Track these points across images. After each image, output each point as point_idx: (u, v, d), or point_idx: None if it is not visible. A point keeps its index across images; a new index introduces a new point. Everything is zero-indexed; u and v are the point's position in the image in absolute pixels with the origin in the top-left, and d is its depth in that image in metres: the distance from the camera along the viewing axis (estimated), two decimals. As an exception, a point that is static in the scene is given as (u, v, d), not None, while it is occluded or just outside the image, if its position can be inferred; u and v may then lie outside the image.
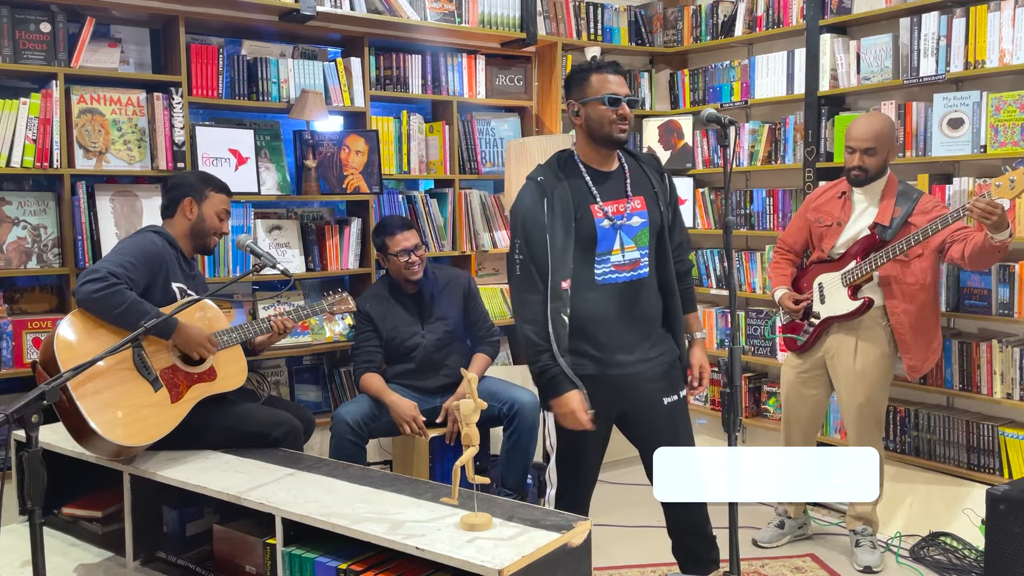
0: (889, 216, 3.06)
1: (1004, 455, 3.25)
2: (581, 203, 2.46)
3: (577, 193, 2.47)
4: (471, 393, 1.99)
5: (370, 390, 3.32)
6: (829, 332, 3.21)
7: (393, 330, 3.41)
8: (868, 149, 3.04)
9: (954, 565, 3.13)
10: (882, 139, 3.05)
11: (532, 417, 3.33)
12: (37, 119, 3.07)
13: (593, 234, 2.46)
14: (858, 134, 3.07)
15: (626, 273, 2.50)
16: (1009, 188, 2.78)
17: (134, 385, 2.52)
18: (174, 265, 2.76)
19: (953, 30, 3.37)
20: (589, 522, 2.02)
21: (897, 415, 3.58)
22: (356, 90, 3.77)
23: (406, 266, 3.36)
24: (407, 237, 3.37)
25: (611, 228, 2.48)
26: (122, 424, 2.44)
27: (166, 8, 3.34)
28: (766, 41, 4.26)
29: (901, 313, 3.08)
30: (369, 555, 2.02)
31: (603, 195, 2.49)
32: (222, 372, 2.74)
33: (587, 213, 2.46)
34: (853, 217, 3.17)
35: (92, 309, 2.51)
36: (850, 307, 3.10)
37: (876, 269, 3.04)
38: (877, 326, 3.12)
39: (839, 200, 3.22)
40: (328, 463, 2.58)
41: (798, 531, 3.47)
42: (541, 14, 4.24)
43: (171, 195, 2.86)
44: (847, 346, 3.15)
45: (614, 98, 2.42)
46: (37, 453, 1.73)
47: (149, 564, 2.56)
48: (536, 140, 3.83)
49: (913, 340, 3.10)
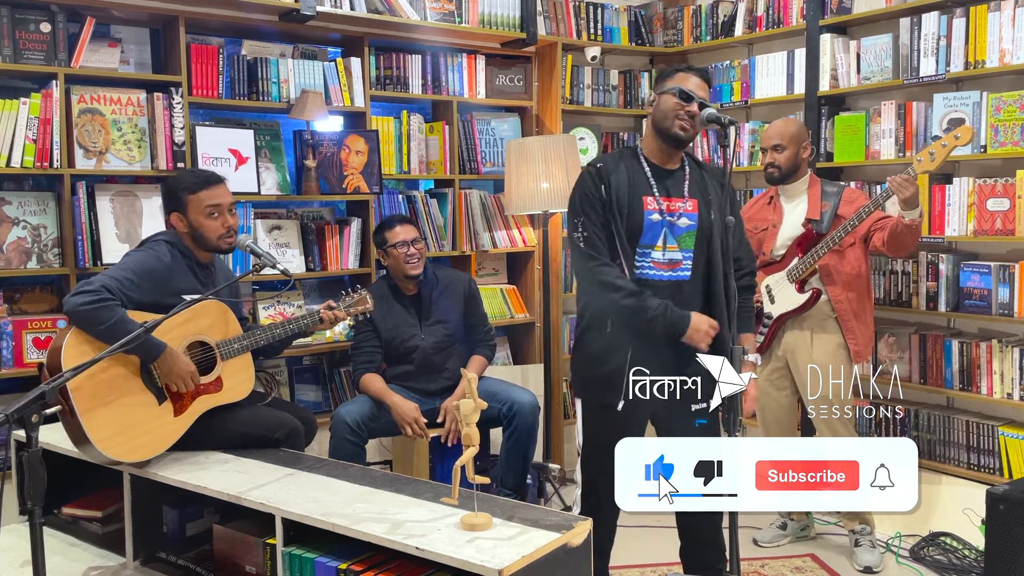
0: (818, 210, 3.20)
1: (1004, 455, 3.25)
2: (635, 192, 2.48)
3: (634, 181, 2.48)
4: (471, 393, 1.99)
5: (370, 391, 3.31)
6: (784, 330, 3.27)
7: (392, 330, 3.40)
8: (776, 146, 3.23)
9: (954, 565, 3.13)
10: (787, 136, 3.22)
11: (531, 417, 3.33)
12: (37, 119, 3.07)
13: (640, 224, 2.46)
14: (766, 134, 3.31)
15: (664, 272, 2.48)
16: (929, 160, 2.96)
17: (138, 397, 2.48)
18: (185, 277, 2.67)
19: (953, 30, 3.37)
20: (589, 522, 2.02)
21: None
22: (356, 90, 3.77)
23: (405, 258, 3.34)
24: (406, 230, 3.38)
25: (659, 223, 2.48)
26: (121, 441, 2.42)
27: (166, 8, 3.34)
28: (766, 41, 4.26)
29: (844, 301, 3.17)
30: (369, 555, 2.02)
31: (660, 189, 2.50)
32: (229, 382, 2.69)
33: (639, 202, 2.47)
34: (785, 216, 3.29)
35: (77, 322, 2.41)
36: (800, 300, 3.19)
37: (818, 261, 3.13)
38: (828, 318, 3.20)
39: (768, 205, 3.35)
40: (328, 463, 2.58)
41: (800, 532, 3.47)
42: (541, 14, 4.24)
43: (164, 207, 2.76)
44: (803, 341, 3.22)
45: (685, 93, 2.43)
46: (37, 453, 1.73)
47: (149, 564, 2.56)
48: (536, 140, 3.83)
49: (856, 326, 3.18)
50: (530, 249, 4.25)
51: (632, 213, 2.46)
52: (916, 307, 3.51)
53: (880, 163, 3.65)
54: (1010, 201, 3.21)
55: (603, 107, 4.50)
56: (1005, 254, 3.39)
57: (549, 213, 3.90)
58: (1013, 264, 3.25)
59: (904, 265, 3.53)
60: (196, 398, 2.61)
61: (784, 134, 3.22)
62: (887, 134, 3.59)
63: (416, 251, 3.37)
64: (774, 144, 3.23)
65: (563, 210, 4.08)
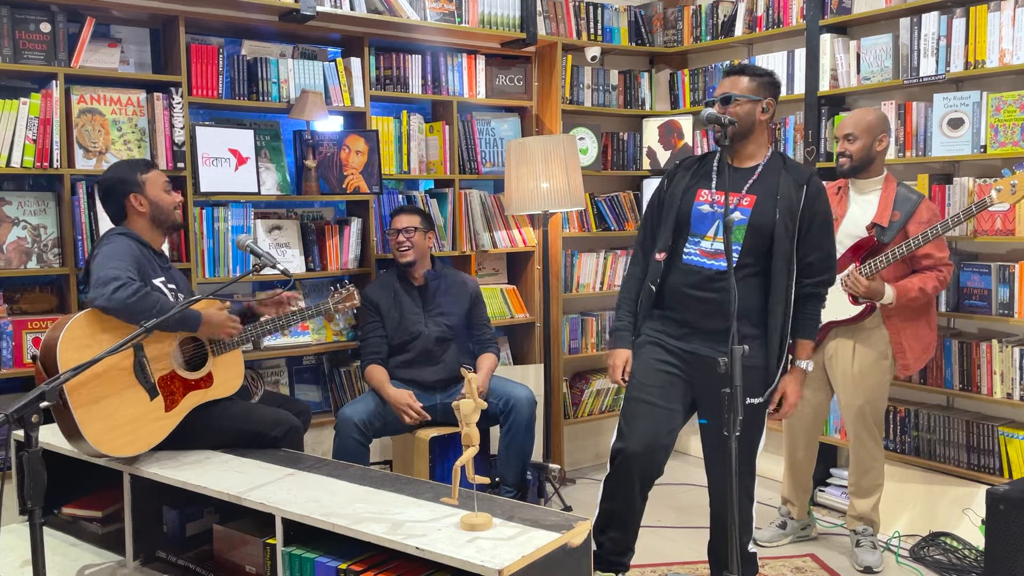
0: (887, 218, 3.07)
1: (1004, 455, 3.25)
2: (694, 186, 2.65)
3: (697, 177, 2.67)
4: (471, 393, 1.99)
5: (372, 382, 3.39)
6: (828, 336, 3.21)
7: (397, 319, 3.48)
8: (848, 135, 3.12)
9: (954, 565, 3.13)
10: (862, 127, 3.11)
11: (528, 412, 3.35)
12: (37, 119, 3.07)
13: (688, 213, 2.63)
14: (841, 124, 3.19)
15: (708, 261, 2.59)
16: (1011, 192, 2.82)
17: (131, 393, 2.51)
18: (151, 264, 2.73)
19: (953, 30, 3.37)
20: (589, 522, 2.02)
21: (897, 415, 3.58)
22: (356, 90, 3.77)
23: (396, 244, 3.49)
24: (403, 220, 3.50)
25: (711, 214, 2.60)
26: (114, 436, 2.44)
27: (166, 8, 3.34)
28: (766, 41, 4.26)
29: (895, 316, 3.09)
30: (369, 555, 2.02)
31: (720, 184, 2.60)
32: (219, 378, 2.73)
33: (692, 195, 2.63)
34: (849, 210, 3.18)
35: (127, 314, 2.47)
36: (852, 312, 3.11)
37: (876, 274, 3.04)
38: (876, 329, 3.12)
39: (836, 196, 3.24)
40: (328, 463, 2.58)
41: (801, 532, 3.46)
42: (541, 14, 4.24)
43: (111, 202, 2.76)
44: (846, 349, 3.16)
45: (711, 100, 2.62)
46: (37, 453, 1.73)
47: (149, 564, 2.56)
48: (536, 140, 3.83)
49: (907, 341, 3.11)
50: (530, 249, 4.25)
51: (684, 204, 2.65)
52: (916, 307, 3.51)
53: (880, 163, 3.65)
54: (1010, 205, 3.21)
55: (603, 107, 4.50)
56: (1005, 254, 3.39)
57: (549, 213, 3.90)
58: (1013, 264, 3.25)
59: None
60: (187, 394, 2.64)
61: (859, 123, 3.10)
62: (887, 134, 3.59)
63: (406, 239, 3.46)
64: (846, 133, 3.12)
65: (563, 210, 4.08)
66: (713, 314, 2.55)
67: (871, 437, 3.18)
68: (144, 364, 2.54)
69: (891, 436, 3.59)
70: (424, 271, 3.53)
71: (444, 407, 3.43)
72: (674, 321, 2.65)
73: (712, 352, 2.52)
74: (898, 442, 3.58)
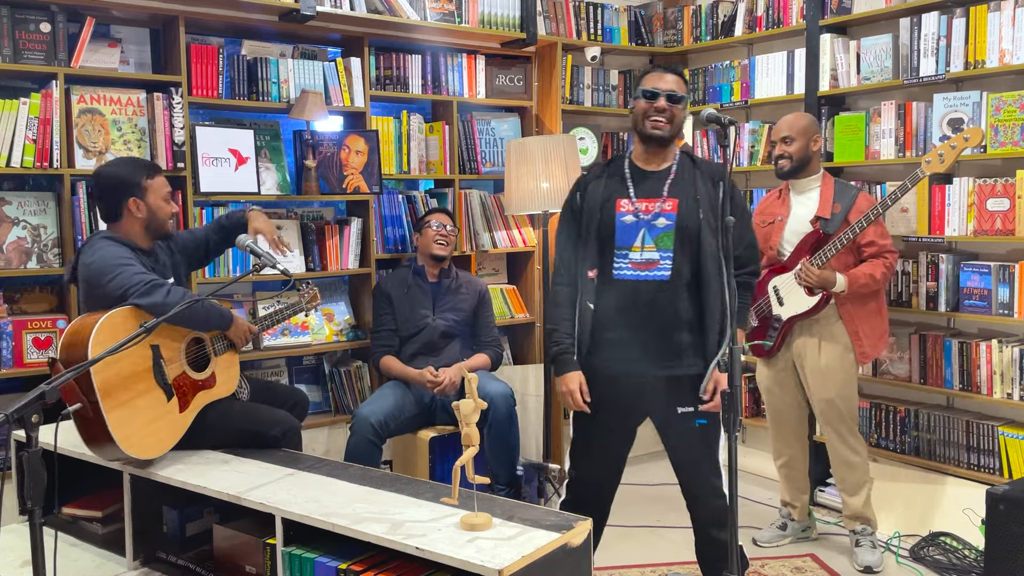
0: (829, 210, 3.17)
1: (1004, 455, 3.25)
2: (611, 196, 2.56)
3: (612, 187, 2.57)
4: (471, 393, 1.99)
5: (391, 372, 3.49)
6: (793, 334, 3.26)
7: (408, 311, 3.55)
8: (785, 138, 3.22)
9: (954, 565, 3.13)
10: (797, 129, 3.21)
11: (505, 407, 3.37)
12: (37, 119, 3.07)
13: (611, 227, 2.53)
14: (776, 127, 3.30)
15: (642, 272, 2.51)
16: (939, 161, 2.97)
17: (153, 395, 2.51)
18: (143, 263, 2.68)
19: (953, 30, 3.37)
20: (589, 522, 2.02)
21: (897, 415, 3.58)
22: (356, 90, 3.77)
23: (436, 236, 3.56)
24: (443, 218, 3.63)
25: (634, 224, 2.53)
26: (140, 438, 2.43)
27: (166, 8, 3.34)
28: (766, 41, 4.26)
29: (847, 304, 3.15)
30: (369, 555, 2.02)
31: (638, 192, 2.54)
32: (220, 378, 2.74)
33: (612, 206, 2.54)
34: (792, 210, 3.27)
35: (183, 320, 2.54)
36: (810, 303, 3.17)
37: (827, 263, 3.10)
38: (836, 321, 3.18)
39: (778, 199, 3.35)
40: (328, 463, 2.58)
41: (802, 533, 3.46)
42: (541, 14, 4.24)
43: (108, 200, 2.64)
44: (811, 346, 3.21)
45: (648, 92, 2.50)
46: (37, 453, 1.73)
47: (149, 564, 2.56)
48: (536, 140, 3.83)
49: (862, 329, 3.17)
50: (530, 249, 4.25)
51: (605, 216, 2.54)
52: (916, 307, 3.51)
53: (880, 163, 3.65)
54: (1010, 201, 3.21)
55: (603, 107, 4.50)
56: (1005, 254, 3.39)
57: (549, 213, 3.90)
58: (1013, 264, 3.25)
59: (904, 265, 3.53)
60: (197, 393, 2.65)
61: (794, 126, 3.21)
62: (887, 134, 3.59)
63: (448, 233, 3.60)
64: (784, 136, 3.23)
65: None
66: (660, 331, 2.49)
67: (848, 431, 3.21)
68: (161, 365, 2.54)
69: (891, 436, 3.59)
70: (440, 269, 3.64)
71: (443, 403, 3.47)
72: (620, 344, 2.53)
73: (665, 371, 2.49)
74: (898, 442, 3.58)
